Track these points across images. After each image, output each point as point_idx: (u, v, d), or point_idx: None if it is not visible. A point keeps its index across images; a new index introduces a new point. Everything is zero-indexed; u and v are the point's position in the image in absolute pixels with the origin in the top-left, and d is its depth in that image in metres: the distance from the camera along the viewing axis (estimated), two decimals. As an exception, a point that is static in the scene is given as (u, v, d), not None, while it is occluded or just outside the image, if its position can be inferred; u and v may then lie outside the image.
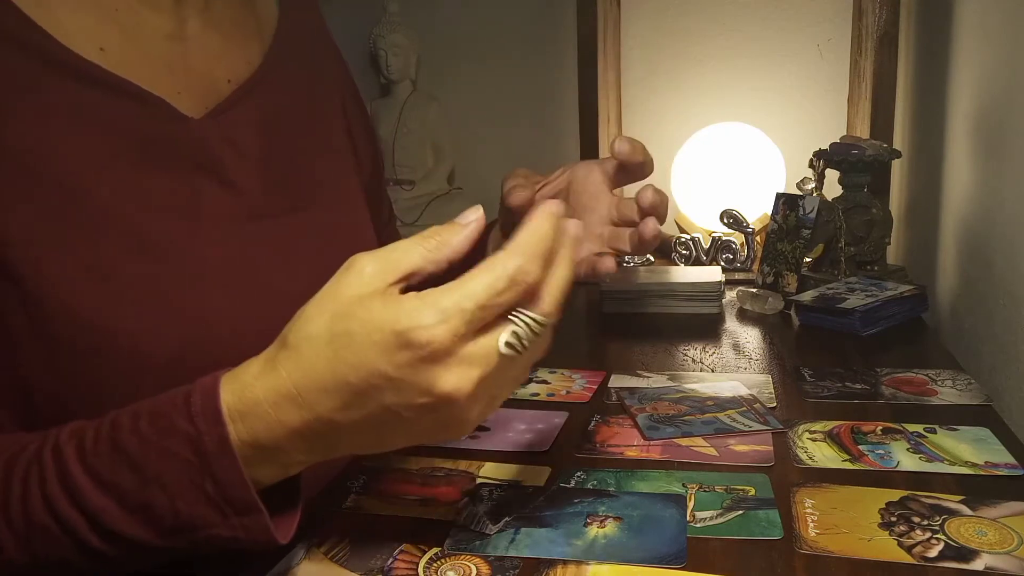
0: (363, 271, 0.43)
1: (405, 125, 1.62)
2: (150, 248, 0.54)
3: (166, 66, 0.59)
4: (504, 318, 0.43)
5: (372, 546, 0.54)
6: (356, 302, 0.42)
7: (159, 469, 0.43)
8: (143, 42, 0.58)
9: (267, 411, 0.43)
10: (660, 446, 0.68)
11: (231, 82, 0.62)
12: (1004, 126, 0.92)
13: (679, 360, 0.92)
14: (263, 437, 0.43)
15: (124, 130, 0.54)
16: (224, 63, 0.63)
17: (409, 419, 0.43)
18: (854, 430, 0.69)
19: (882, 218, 1.16)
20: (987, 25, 0.99)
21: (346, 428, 0.43)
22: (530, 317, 0.43)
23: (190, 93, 0.59)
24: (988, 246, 0.96)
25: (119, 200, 0.53)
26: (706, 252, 1.32)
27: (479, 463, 0.66)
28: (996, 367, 0.91)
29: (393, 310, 0.41)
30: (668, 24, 1.53)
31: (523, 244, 0.43)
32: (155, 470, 0.43)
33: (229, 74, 0.63)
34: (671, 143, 1.50)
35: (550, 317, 0.44)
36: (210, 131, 0.59)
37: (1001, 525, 0.54)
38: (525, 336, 0.43)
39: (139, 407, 0.45)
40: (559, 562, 0.51)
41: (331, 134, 0.71)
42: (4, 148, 0.49)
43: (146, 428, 0.44)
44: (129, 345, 0.52)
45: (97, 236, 0.52)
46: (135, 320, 0.52)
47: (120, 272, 0.52)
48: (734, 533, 0.54)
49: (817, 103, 1.48)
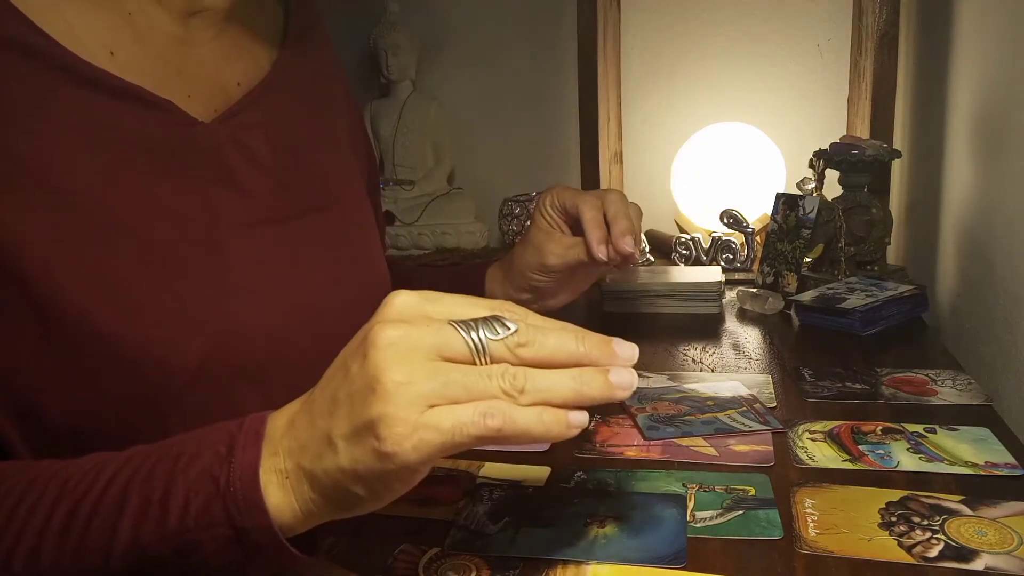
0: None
1: (405, 125, 1.62)
2: (165, 257, 0.54)
3: (176, 69, 0.58)
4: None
5: (372, 546, 0.54)
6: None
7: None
8: (154, 45, 0.57)
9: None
10: (660, 446, 0.68)
11: (241, 85, 0.62)
12: (1004, 126, 0.92)
13: (679, 360, 0.92)
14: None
15: (134, 136, 0.54)
16: (234, 67, 0.62)
17: (344, 391, 0.41)
18: (854, 430, 0.69)
19: (882, 218, 1.16)
20: (987, 25, 0.99)
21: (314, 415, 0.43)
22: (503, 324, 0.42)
23: (200, 97, 0.59)
24: (988, 246, 0.96)
25: (131, 208, 0.53)
26: (706, 252, 1.32)
27: (479, 463, 0.66)
28: (996, 367, 0.91)
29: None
30: (668, 24, 1.53)
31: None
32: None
33: (239, 77, 0.62)
34: (671, 143, 1.50)
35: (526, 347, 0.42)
36: (220, 135, 0.58)
37: (1001, 525, 0.54)
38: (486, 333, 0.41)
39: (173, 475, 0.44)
40: (559, 562, 0.51)
41: (337, 136, 0.71)
42: (14, 158, 0.49)
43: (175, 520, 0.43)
44: (152, 356, 0.52)
45: (110, 246, 0.52)
46: (157, 331, 0.52)
47: (136, 283, 0.52)
48: (734, 533, 0.54)
49: (817, 103, 1.48)
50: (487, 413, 0.40)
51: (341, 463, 0.41)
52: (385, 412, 0.39)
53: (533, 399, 0.41)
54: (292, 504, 0.43)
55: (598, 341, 0.44)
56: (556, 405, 0.41)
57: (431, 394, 0.40)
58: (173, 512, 0.43)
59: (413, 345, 0.40)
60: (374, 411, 0.39)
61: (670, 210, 1.54)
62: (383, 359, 0.40)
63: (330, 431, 0.41)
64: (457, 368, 0.41)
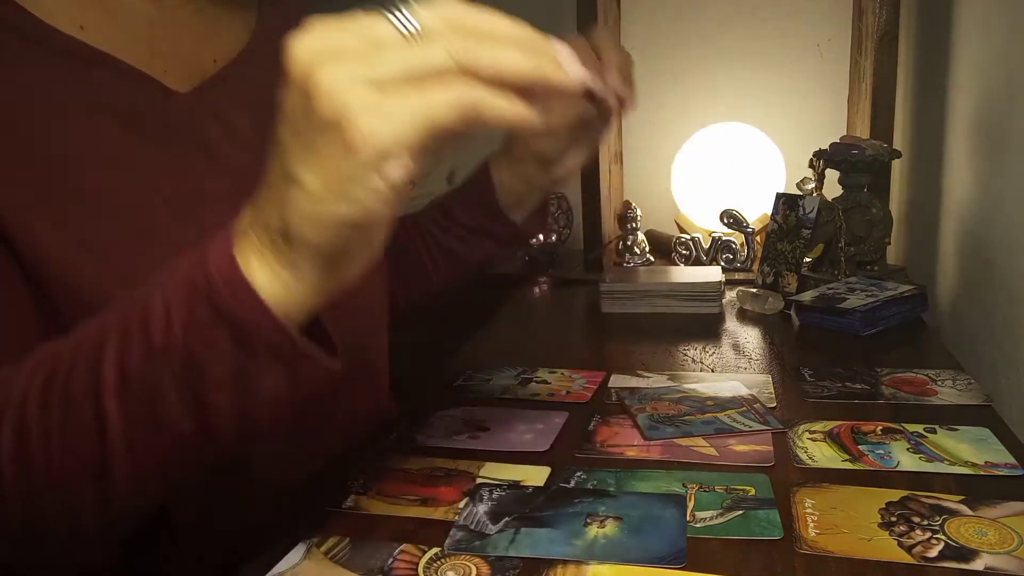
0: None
1: (405, 125, 1.61)
2: (144, 224, 0.54)
3: (149, 48, 0.58)
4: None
5: (372, 546, 0.54)
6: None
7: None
8: (125, 23, 0.58)
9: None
10: (660, 446, 0.68)
11: (217, 62, 0.62)
12: (1004, 126, 0.92)
13: (679, 360, 0.92)
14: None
15: (109, 104, 0.54)
16: (209, 44, 0.63)
17: (285, 128, 0.38)
18: (854, 430, 0.69)
19: (882, 218, 1.16)
20: (987, 25, 0.99)
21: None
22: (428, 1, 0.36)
23: (175, 74, 0.59)
24: (988, 246, 0.96)
25: (110, 175, 0.53)
26: (706, 252, 1.32)
27: (479, 463, 0.65)
28: (996, 367, 0.91)
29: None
30: (668, 24, 1.53)
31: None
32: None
33: (215, 55, 0.62)
34: (671, 143, 1.50)
35: (463, 20, 0.36)
36: (197, 107, 0.58)
37: (1001, 525, 0.54)
38: (412, 10, 0.36)
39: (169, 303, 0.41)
40: (559, 562, 0.51)
41: None
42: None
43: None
44: None
45: (91, 211, 0.52)
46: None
47: (117, 248, 0.52)
48: (734, 533, 0.54)
49: (817, 103, 1.48)
50: (454, 85, 0.35)
51: (310, 189, 0.37)
52: (335, 105, 0.35)
53: (489, 68, 0.36)
54: (279, 275, 0.40)
55: (531, 28, 0.38)
56: (511, 79, 0.36)
57: (376, 75, 0.35)
58: (156, 329, 0.40)
59: (337, 41, 0.36)
60: (323, 111, 0.35)
61: (670, 210, 1.54)
62: (309, 61, 0.35)
63: (286, 169, 0.38)
64: (395, 48, 0.36)
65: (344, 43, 0.36)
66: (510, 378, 0.86)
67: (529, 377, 0.86)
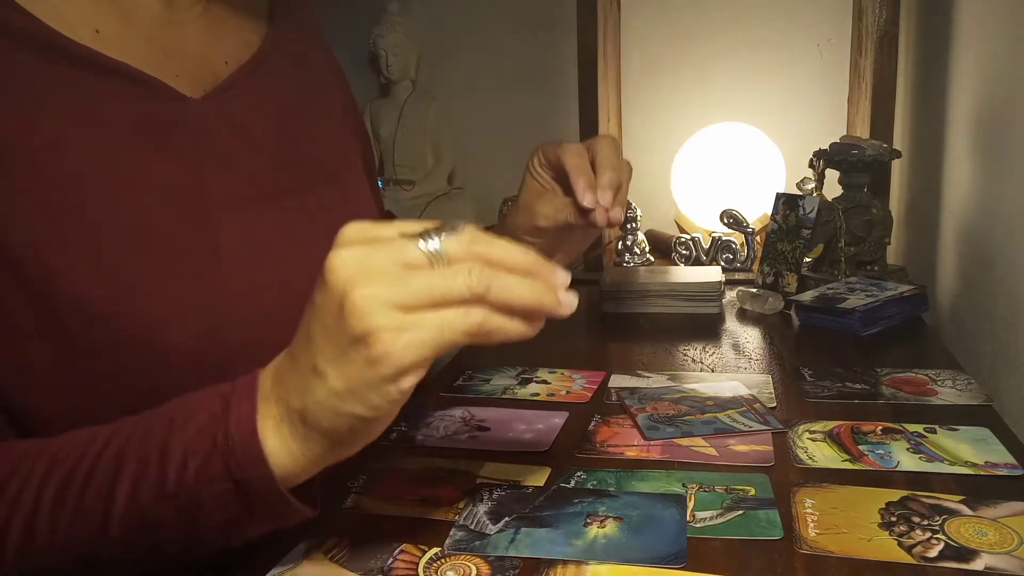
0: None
1: (405, 125, 1.62)
2: (156, 235, 0.54)
3: (163, 49, 0.58)
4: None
5: (372, 546, 0.54)
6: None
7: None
8: (140, 25, 0.58)
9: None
10: (660, 446, 0.68)
11: (229, 63, 0.62)
12: (1004, 126, 0.92)
13: (679, 360, 0.92)
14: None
15: (121, 114, 0.54)
16: (221, 46, 0.63)
17: (316, 325, 0.42)
18: (854, 430, 0.69)
19: (882, 218, 1.16)
20: (987, 25, 0.99)
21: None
22: (453, 228, 0.42)
23: (188, 76, 0.59)
24: (988, 246, 0.96)
25: (121, 187, 0.53)
26: (706, 252, 1.32)
27: (479, 463, 0.65)
28: (996, 367, 0.91)
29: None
30: (668, 24, 1.53)
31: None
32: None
33: (227, 55, 0.62)
34: (671, 143, 1.50)
35: (479, 244, 0.43)
36: (210, 111, 0.58)
37: (1001, 525, 0.54)
38: (439, 237, 0.42)
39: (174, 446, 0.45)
40: (559, 562, 0.51)
41: (331, 111, 0.71)
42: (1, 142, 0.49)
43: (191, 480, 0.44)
44: (148, 335, 0.52)
45: (100, 225, 0.52)
46: (151, 311, 0.52)
47: (128, 262, 0.52)
48: (734, 533, 0.54)
49: (817, 103, 1.48)
50: (469, 310, 0.41)
51: (332, 386, 0.42)
52: (365, 323, 0.40)
53: (498, 298, 0.41)
54: (290, 447, 0.44)
55: (539, 257, 0.44)
56: (516, 308, 0.42)
57: (402, 299, 0.40)
58: (172, 471, 0.43)
59: (371, 261, 0.41)
60: (353, 326, 0.40)
61: (670, 210, 1.54)
62: (345, 279, 0.40)
63: (314, 362, 0.42)
64: (420, 272, 0.41)
65: (377, 265, 0.41)
66: (510, 378, 0.86)
67: (529, 377, 0.86)
